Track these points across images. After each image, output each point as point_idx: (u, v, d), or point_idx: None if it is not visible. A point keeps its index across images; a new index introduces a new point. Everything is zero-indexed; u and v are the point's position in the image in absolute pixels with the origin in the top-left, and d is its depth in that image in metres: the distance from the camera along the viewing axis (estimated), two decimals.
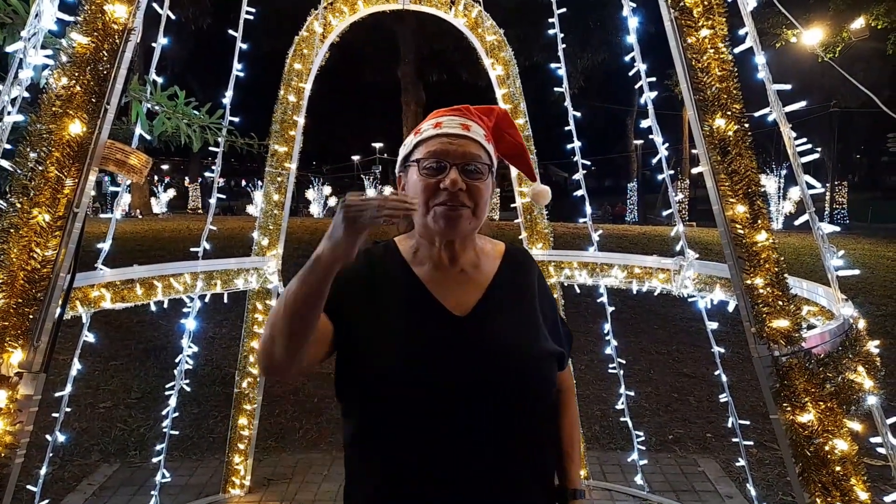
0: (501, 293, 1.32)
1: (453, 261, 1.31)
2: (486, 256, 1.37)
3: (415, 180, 1.26)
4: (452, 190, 1.21)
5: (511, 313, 1.31)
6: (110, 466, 4.02)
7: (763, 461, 4.04)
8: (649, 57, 3.17)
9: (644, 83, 3.10)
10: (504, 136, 1.38)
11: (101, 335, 4.68)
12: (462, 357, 1.21)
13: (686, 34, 1.77)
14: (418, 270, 1.31)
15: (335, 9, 3.37)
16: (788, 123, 2.00)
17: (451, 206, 1.22)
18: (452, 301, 1.28)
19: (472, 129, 1.29)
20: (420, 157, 1.27)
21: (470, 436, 1.19)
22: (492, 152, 1.32)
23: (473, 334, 1.25)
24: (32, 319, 1.59)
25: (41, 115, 1.65)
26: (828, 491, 1.54)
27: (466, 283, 1.31)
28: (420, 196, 1.24)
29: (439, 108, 1.37)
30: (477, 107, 1.37)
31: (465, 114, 1.32)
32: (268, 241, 3.44)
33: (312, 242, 11.67)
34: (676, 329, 7.02)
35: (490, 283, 1.33)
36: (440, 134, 1.27)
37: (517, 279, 1.37)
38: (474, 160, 1.25)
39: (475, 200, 1.25)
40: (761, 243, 1.70)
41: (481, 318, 1.27)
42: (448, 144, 1.25)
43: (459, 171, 1.23)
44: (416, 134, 1.32)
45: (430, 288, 1.29)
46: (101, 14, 1.68)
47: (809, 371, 1.63)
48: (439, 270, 1.31)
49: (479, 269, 1.34)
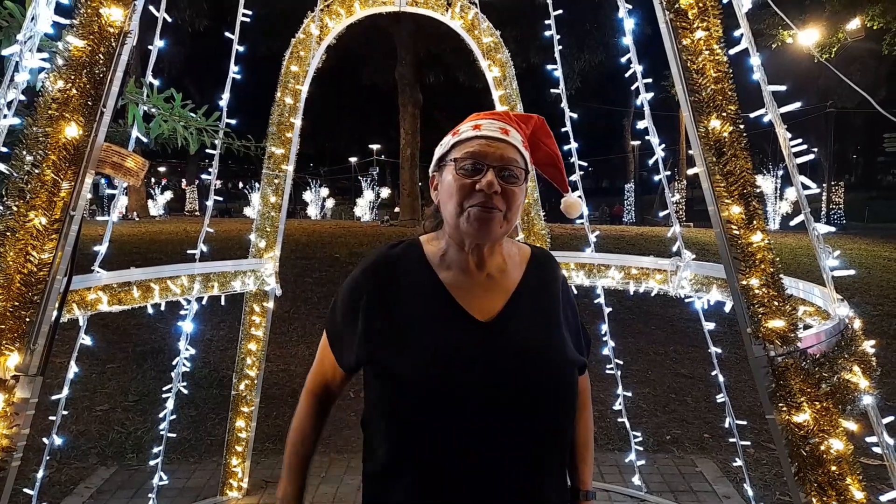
0: (527, 298, 1.32)
1: (480, 266, 1.30)
2: (513, 261, 1.37)
3: (450, 180, 1.26)
4: (488, 192, 1.21)
5: (536, 319, 1.31)
6: (107, 469, 4.01)
7: (760, 461, 4.05)
8: (646, 58, 3.18)
9: (640, 84, 3.11)
10: (540, 145, 1.38)
11: (98, 338, 4.67)
12: (487, 363, 1.21)
13: (681, 36, 1.77)
14: (443, 275, 1.30)
15: (332, 11, 3.37)
16: (784, 124, 2.00)
17: (485, 209, 1.21)
18: (477, 307, 1.27)
19: (510, 134, 1.29)
20: (457, 156, 1.26)
21: (496, 442, 1.19)
22: (528, 159, 1.32)
23: (498, 340, 1.24)
24: (29, 322, 1.59)
25: (37, 118, 1.65)
26: (823, 490, 1.54)
27: (492, 288, 1.31)
28: (455, 196, 1.24)
29: (479, 112, 1.38)
30: (516, 113, 1.39)
31: (505, 118, 1.33)
32: (265, 243, 3.43)
33: (310, 244, 11.61)
34: (674, 330, 7.03)
35: (516, 288, 1.32)
36: (479, 136, 1.27)
37: (542, 284, 1.37)
38: (511, 164, 1.25)
39: (508, 204, 1.24)
40: (757, 244, 1.70)
41: (506, 323, 1.27)
42: (487, 147, 1.25)
43: (496, 173, 1.23)
44: (455, 135, 1.32)
45: (455, 293, 1.28)
46: (97, 17, 1.68)
47: (805, 371, 1.64)
48: (465, 275, 1.30)
49: (505, 274, 1.33)
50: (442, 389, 1.19)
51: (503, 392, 1.19)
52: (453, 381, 1.19)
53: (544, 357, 1.26)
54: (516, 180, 1.26)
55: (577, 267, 3.42)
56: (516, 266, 1.36)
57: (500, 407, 1.19)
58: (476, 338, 1.24)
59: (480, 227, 1.22)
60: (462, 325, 1.25)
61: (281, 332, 6.57)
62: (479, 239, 1.25)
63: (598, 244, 3.51)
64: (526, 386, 1.21)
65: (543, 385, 1.23)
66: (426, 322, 1.26)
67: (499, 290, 1.31)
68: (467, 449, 1.19)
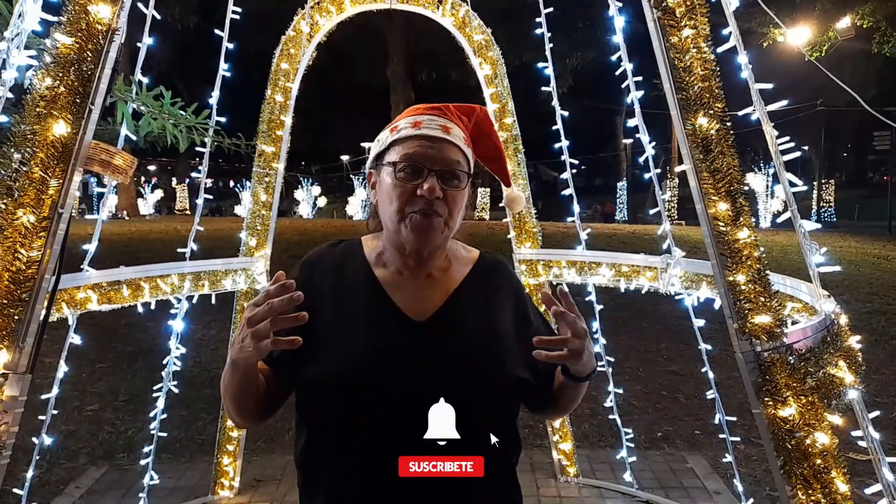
0: (467, 300, 1.25)
1: (420, 265, 1.25)
2: (458, 262, 1.31)
3: (388, 183, 1.19)
4: (430, 197, 1.15)
5: (474, 322, 1.24)
6: (98, 469, 4.00)
7: (750, 457, 4.07)
8: (638, 56, 3.18)
9: (630, 82, 3.12)
10: (483, 139, 1.31)
11: (88, 337, 4.64)
12: (416, 364, 1.16)
13: (669, 34, 1.79)
14: (380, 273, 1.26)
15: (322, 8, 3.36)
16: (771, 122, 2.02)
17: (426, 215, 1.16)
18: (413, 306, 1.22)
19: (452, 132, 1.21)
20: (396, 159, 1.19)
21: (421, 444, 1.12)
22: (470, 157, 1.25)
23: (430, 341, 1.19)
24: (17, 321, 1.58)
25: (25, 116, 1.64)
26: (809, 483, 1.56)
27: (431, 287, 1.25)
28: (395, 201, 1.18)
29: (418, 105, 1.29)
30: (457, 105, 1.30)
31: (446, 114, 1.24)
32: (256, 242, 3.43)
33: (301, 243, 11.60)
34: (664, 327, 7.06)
35: (456, 288, 1.26)
36: (419, 135, 1.19)
37: (487, 289, 1.29)
38: (453, 166, 1.19)
39: (450, 209, 1.19)
40: (743, 240, 1.72)
41: (441, 324, 1.21)
42: (427, 148, 1.18)
43: (437, 177, 1.17)
44: (393, 131, 1.23)
45: (390, 292, 1.23)
46: (85, 14, 1.68)
47: (791, 366, 1.65)
48: (403, 274, 1.25)
49: (446, 274, 1.28)
50: (366, 388, 1.13)
51: (429, 394, 1.13)
52: (380, 381, 1.14)
53: (476, 362, 1.19)
54: (459, 183, 1.20)
55: (568, 265, 3.43)
56: (461, 266, 1.31)
57: (425, 409, 1.13)
58: (408, 337, 1.19)
59: (421, 235, 1.18)
60: (393, 324, 1.20)
61: None
62: (419, 245, 1.20)
63: (589, 242, 3.52)
64: (453, 389, 1.13)
65: (471, 390, 1.16)
66: (358, 319, 1.21)
67: (437, 290, 1.25)
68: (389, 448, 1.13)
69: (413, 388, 1.14)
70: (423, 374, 1.15)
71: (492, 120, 1.36)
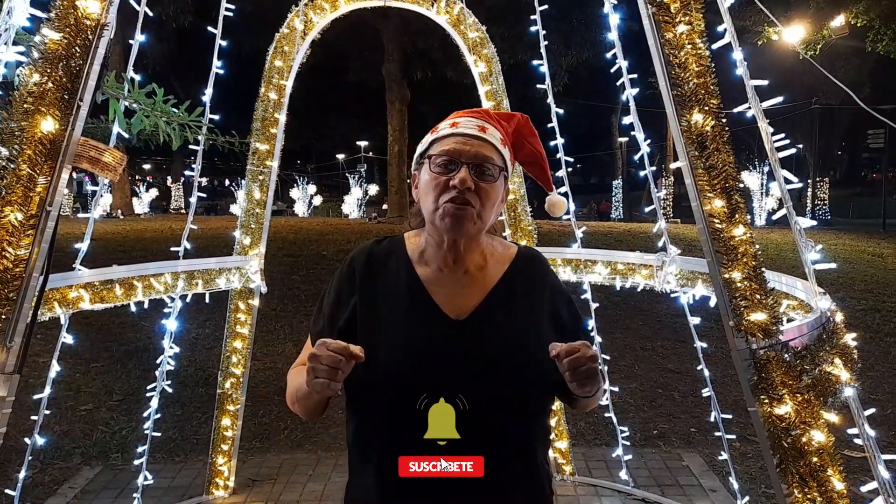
0: (504, 298, 1.30)
1: (458, 262, 1.30)
2: (495, 259, 1.35)
3: (426, 178, 1.28)
4: (461, 188, 1.21)
5: (511, 320, 1.29)
6: (92, 469, 3.97)
7: (746, 455, 4.08)
8: (633, 54, 3.18)
9: (626, 80, 3.11)
10: (524, 144, 1.40)
11: (82, 337, 4.62)
12: (453, 362, 1.21)
13: (664, 30, 1.78)
14: (421, 270, 1.31)
15: (316, 5, 3.35)
16: (766, 119, 2.01)
17: (458, 205, 1.22)
18: (452, 304, 1.27)
19: (488, 132, 1.29)
20: (433, 154, 1.28)
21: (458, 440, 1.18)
22: (507, 157, 1.32)
23: (467, 339, 1.24)
24: (5, 320, 1.56)
25: (13, 113, 1.62)
26: (805, 482, 1.55)
27: (469, 285, 1.30)
28: (431, 192, 1.25)
29: (460, 111, 1.38)
30: (498, 112, 1.40)
31: (484, 116, 1.33)
32: (250, 240, 3.41)
33: (297, 242, 11.51)
34: (660, 325, 7.07)
35: (494, 286, 1.31)
36: (455, 133, 1.28)
37: (525, 285, 1.34)
38: (486, 161, 1.26)
39: (482, 201, 1.24)
40: (739, 237, 1.71)
41: (478, 323, 1.26)
42: (462, 144, 1.26)
43: (470, 170, 1.23)
44: (433, 132, 1.33)
45: (431, 289, 1.28)
46: (73, 10, 1.66)
47: (787, 363, 1.65)
48: (443, 271, 1.30)
49: (484, 272, 1.33)
50: (406, 386, 1.19)
51: (466, 393, 1.19)
52: (418, 379, 1.20)
53: (512, 361, 1.24)
54: (491, 178, 1.26)
55: (563, 263, 3.42)
56: (498, 264, 1.35)
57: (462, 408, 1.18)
58: (446, 336, 1.24)
59: (453, 222, 1.23)
60: (433, 323, 1.26)
61: (268, 330, 6.53)
62: (452, 234, 1.26)
63: (585, 240, 3.51)
64: (490, 388, 1.20)
65: (507, 389, 1.22)
66: (399, 317, 1.26)
67: (475, 288, 1.30)
68: (426, 443, 1.19)
69: (449, 385, 1.19)
70: (460, 372, 1.20)
71: (532, 126, 1.42)
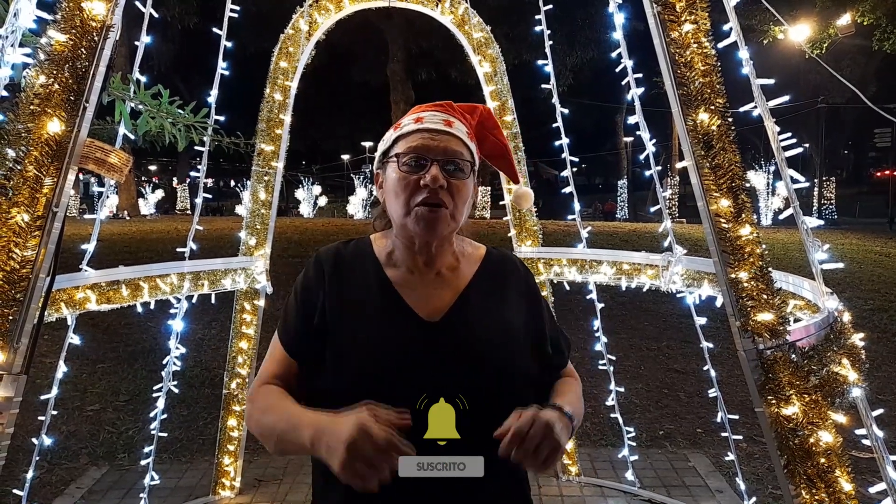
0: (478, 298, 1.27)
1: (429, 264, 1.26)
2: (466, 260, 1.32)
3: (394, 177, 1.22)
4: (433, 186, 1.16)
5: (485, 320, 1.25)
6: (99, 470, 3.99)
7: (752, 455, 4.06)
8: (638, 54, 3.17)
9: (630, 79, 3.10)
10: (487, 136, 1.34)
11: (88, 337, 4.63)
12: (430, 365, 1.17)
13: (669, 29, 1.77)
14: (391, 273, 1.27)
15: (321, 6, 3.35)
16: (772, 118, 2.00)
17: (431, 207, 1.17)
18: (425, 306, 1.23)
19: (454, 126, 1.24)
20: (400, 152, 1.22)
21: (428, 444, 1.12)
22: (474, 150, 1.27)
23: (443, 341, 1.20)
24: (12, 321, 1.57)
25: (19, 114, 1.63)
26: (812, 483, 1.54)
27: (441, 286, 1.26)
28: (400, 194, 1.19)
29: (420, 104, 1.32)
30: (460, 104, 1.33)
31: (448, 110, 1.28)
32: (255, 241, 3.41)
33: (302, 243, 11.50)
34: (666, 325, 7.04)
35: (466, 287, 1.27)
36: (421, 129, 1.22)
37: (496, 285, 1.31)
38: (456, 157, 1.21)
39: (455, 199, 1.20)
40: (745, 237, 1.70)
41: (453, 324, 1.22)
42: (429, 140, 1.21)
43: (440, 167, 1.18)
44: (396, 128, 1.27)
45: (402, 292, 1.24)
46: (79, 11, 1.66)
47: (794, 364, 1.64)
48: (413, 273, 1.26)
49: (456, 273, 1.29)
50: (378, 390, 1.12)
51: (443, 395, 1.14)
52: (391, 382, 1.15)
53: (488, 361, 1.20)
54: (462, 174, 1.22)
55: (569, 263, 3.42)
56: (469, 264, 1.32)
57: None
58: (419, 338, 1.20)
59: (427, 226, 1.19)
60: (406, 325, 1.21)
61: (273, 331, 6.51)
62: (426, 237, 1.21)
63: (590, 240, 3.50)
64: (466, 390, 1.15)
65: (484, 390, 1.17)
66: (371, 320, 1.22)
67: (448, 289, 1.26)
68: None
69: (427, 389, 1.14)
70: (437, 375, 1.16)
71: (495, 118, 1.38)
